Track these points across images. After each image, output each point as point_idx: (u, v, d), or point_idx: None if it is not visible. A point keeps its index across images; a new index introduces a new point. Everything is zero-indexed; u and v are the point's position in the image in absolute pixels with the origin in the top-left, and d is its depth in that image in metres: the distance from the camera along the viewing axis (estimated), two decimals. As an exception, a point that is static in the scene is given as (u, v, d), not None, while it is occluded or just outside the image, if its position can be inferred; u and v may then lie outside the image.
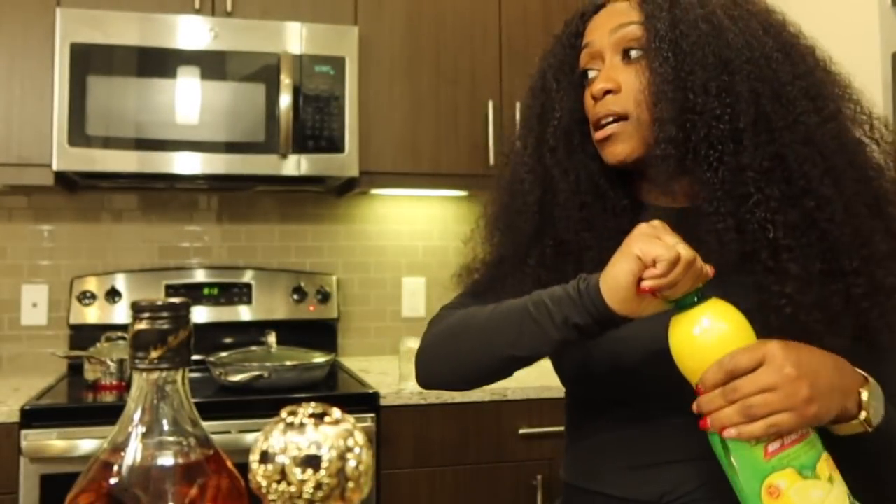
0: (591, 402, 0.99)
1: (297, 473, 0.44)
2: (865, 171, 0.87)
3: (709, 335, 0.76)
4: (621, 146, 0.93)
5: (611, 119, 0.93)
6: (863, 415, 0.77)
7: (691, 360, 0.77)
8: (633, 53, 0.92)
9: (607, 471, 0.95)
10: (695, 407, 0.76)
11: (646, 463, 0.91)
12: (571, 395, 1.05)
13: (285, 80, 2.14)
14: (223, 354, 2.12)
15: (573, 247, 0.96)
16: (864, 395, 0.78)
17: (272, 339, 2.19)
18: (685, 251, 0.76)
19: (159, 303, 0.48)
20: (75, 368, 2.25)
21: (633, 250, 0.78)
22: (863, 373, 0.80)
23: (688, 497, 0.88)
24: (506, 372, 0.94)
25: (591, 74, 0.96)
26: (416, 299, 2.70)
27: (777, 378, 0.72)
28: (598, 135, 0.94)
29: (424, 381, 1.02)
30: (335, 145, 2.21)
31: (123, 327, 2.30)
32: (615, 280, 0.78)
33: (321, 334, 2.53)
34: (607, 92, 0.93)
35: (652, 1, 0.92)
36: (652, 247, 0.76)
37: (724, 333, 0.76)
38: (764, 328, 0.80)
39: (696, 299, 0.77)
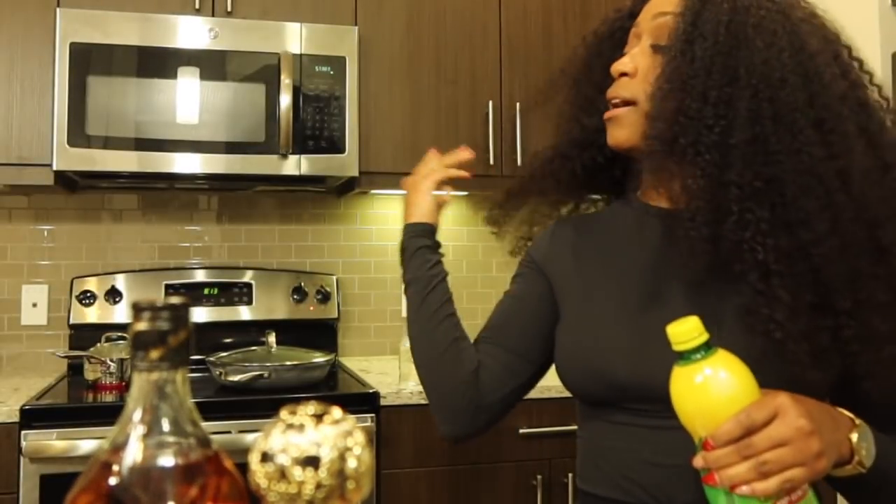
0: (593, 408, 0.98)
1: (297, 473, 0.44)
2: (878, 215, 0.83)
3: (719, 390, 0.73)
4: (621, 131, 0.94)
5: (619, 102, 0.94)
6: (855, 458, 0.77)
7: (699, 416, 0.74)
8: (660, 44, 0.92)
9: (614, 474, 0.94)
10: (699, 462, 0.73)
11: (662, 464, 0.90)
12: (580, 404, 1.04)
13: (285, 80, 2.14)
14: (223, 354, 2.12)
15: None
16: (854, 438, 0.78)
17: (272, 339, 2.19)
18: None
19: (159, 303, 0.48)
20: (75, 368, 2.25)
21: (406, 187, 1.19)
22: (849, 414, 0.80)
23: None
24: (452, 332, 1.07)
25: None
26: (416, 299, 2.70)
27: (790, 432, 0.70)
28: (606, 114, 0.97)
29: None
30: (335, 145, 2.21)
31: (123, 327, 2.30)
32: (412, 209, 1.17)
33: (321, 334, 2.53)
34: (623, 74, 0.94)
35: None
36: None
37: (734, 388, 0.73)
38: (749, 351, 0.78)
39: (702, 353, 0.74)
